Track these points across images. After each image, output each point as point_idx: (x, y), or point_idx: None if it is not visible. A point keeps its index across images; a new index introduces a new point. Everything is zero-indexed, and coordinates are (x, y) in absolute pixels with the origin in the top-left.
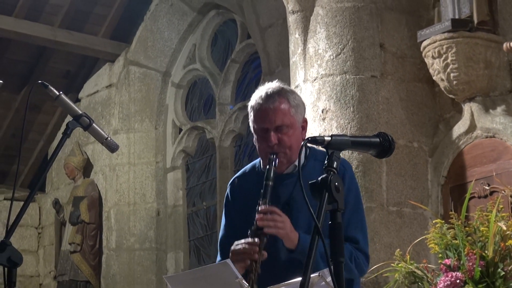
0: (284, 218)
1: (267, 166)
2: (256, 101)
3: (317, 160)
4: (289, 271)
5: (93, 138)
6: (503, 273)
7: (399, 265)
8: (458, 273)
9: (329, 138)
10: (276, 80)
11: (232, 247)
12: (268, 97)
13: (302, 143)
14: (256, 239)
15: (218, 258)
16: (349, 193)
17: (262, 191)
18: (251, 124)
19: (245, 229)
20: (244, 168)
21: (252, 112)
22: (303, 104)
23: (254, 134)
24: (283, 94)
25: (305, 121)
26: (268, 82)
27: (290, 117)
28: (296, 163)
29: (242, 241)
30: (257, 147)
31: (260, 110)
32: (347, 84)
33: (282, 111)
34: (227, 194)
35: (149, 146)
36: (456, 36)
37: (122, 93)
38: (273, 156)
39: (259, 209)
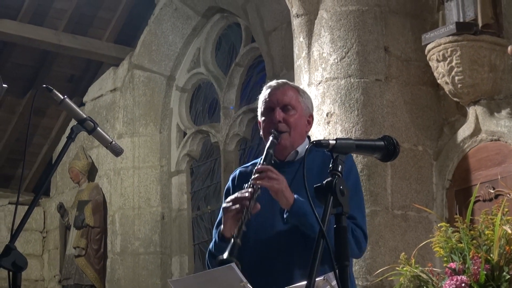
0: (280, 176)
1: (269, 138)
2: (266, 87)
3: (318, 151)
4: (285, 243)
5: (98, 142)
6: (508, 276)
7: (404, 268)
8: (463, 277)
9: (334, 142)
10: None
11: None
12: (278, 83)
13: (307, 146)
14: (249, 189)
15: (214, 239)
16: (349, 175)
17: (262, 156)
18: (259, 111)
19: None
20: (247, 163)
21: (261, 97)
22: (311, 102)
23: (260, 121)
24: (293, 85)
25: (311, 116)
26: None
27: (297, 101)
28: (298, 149)
29: (236, 194)
30: (261, 131)
31: (269, 92)
32: (352, 88)
33: (289, 93)
34: (228, 185)
35: (154, 150)
36: (461, 39)
37: (126, 97)
38: (277, 132)
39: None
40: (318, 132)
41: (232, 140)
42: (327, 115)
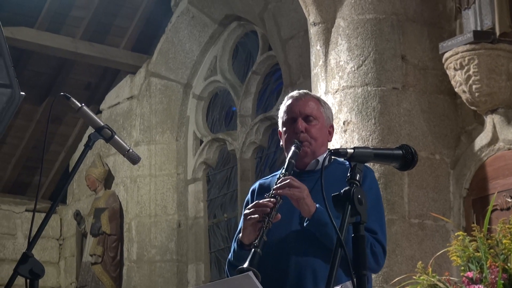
0: (302, 185)
1: (291, 148)
2: (287, 98)
3: (340, 163)
4: (300, 246)
5: (114, 150)
6: None
7: (421, 277)
8: (480, 286)
9: (352, 151)
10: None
11: (246, 208)
12: (300, 94)
13: (325, 154)
14: (271, 198)
15: (233, 248)
16: (370, 190)
17: (284, 166)
18: (280, 122)
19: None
20: (266, 176)
21: (282, 108)
22: (332, 112)
23: (281, 131)
24: (315, 96)
25: (331, 127)
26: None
27: (319, 112)
28: (319, 158)
29: (255, 202)
30: (283, 141)
31: (291, 103)
32: (369, 96)
33: (311, 104)
34: (248, 197)
35: (170, 158)
36: (478, 48)
37: (143, 105)
38: (299, 142)
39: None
40: (335, 140)
41: (248, 148)
42: (344, 124)
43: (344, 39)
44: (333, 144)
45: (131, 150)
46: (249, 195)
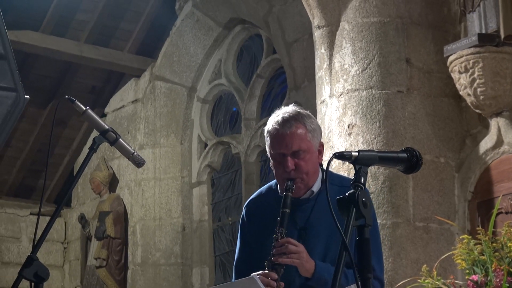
0: (300, 248)
1: (284, 193)
2: (272, 126)
3: (333, 184)
4: None
5: (119, 153)
6: None
7: (426, 281)
8: None
9: (357, 154)
10: (292, 104)
11: None
12: (285, 122)
13: (330, 158)
14: (272, 272)
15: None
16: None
17: (279, 218)
18: (267, 149)
19: (261, 252)
20: (260, 189)
21: (268, 137)
22: (320, 128)
23: (271, 159)
24: (300, 119)
25: (321, 145)
26: (285, 105)
27: (307, 142)
28: (313, 188)
29: (259, 273)
30: (274, 172)
31: (276, 135)
32: (373, 99)
33: (299, 136)
34: (243, 216)
35: (175, 161)
36: (483, 51)
37: (147, 108)
38: (290, 183)
39: (275, 242)
40: (340, 143)
41: (253, 152)
42: (348, 127)
43: (349, 42)
44: (338, 147)
45: (135, 153)
46: (244, 215)
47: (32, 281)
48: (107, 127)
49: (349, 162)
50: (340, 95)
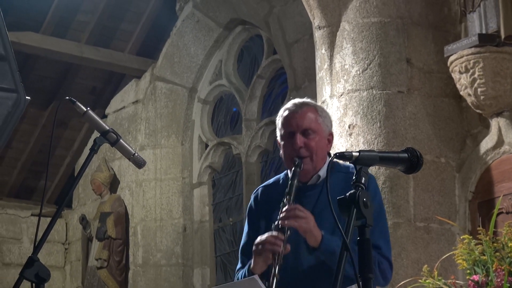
0: (308, 214)
1: (292, 169)
2: (284, 109)
3: (340, 172)
4: (312, 275)
5: (120, 154)
6: None
7: (427, 281)
8: None
9: (357, 154)
10: (305, 97)
11: (255, 242)
12: (296, 105)
13: (330, 158)
14: (279, 233)
15: (238, 265)
16: (373, 199)
17: (286, 190)
18: (278, 133)
19: None
20: (268, 180)
21: (279, 120)
22: (330, 119)
23: (280, 143)
24: (311, 104)
25: (331, 135)
26: (296, 97)
27: (317, 123)
28: (320, 173)
29: (265, 235)
30: (282, 154)
31: (287, 116)
32: (374, 100)
33: (309, 116)
34: (251, 203)
35: (176, 162)
36: (483, 51)
37: (148, 109)
38: (299, 159)
39: (283, 208)
40: (340, 144)
41: (254, 152)
42: (349, 127)
43: (349, 43)
44: (338, 148)
45: (136, 154)
46: (252, 202)
47: (33, 282)
48: (107, 128)
49: (349, 162)
50: (341, 95)
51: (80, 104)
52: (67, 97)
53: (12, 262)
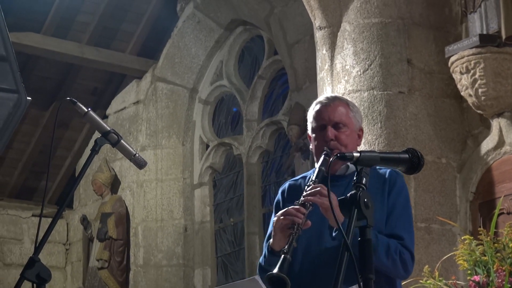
0: (332, 194)
1: (321, 156)
2: (315, 102)
3: (373, 170)
4: (334, 260)
5: (121, 155)
6: None
7: (428, 281)
8: None
9: (358, 154)
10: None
11: (276, 215)
12: (328, 98)
13: (331, 158)
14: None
15: (264, 252)
16: (399, 195)
17: (313, 175)
18: (309, 126)
19: None
20: (296, 177)
21: (311, 113)
22: (361, 114)
23: (311, 136)
24: (343, 99)
25: (361, 130)
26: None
27: (348, 118)
28: (349, 163)
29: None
30: (313, 147)
31: (320, 109)
32: (375, 100)
33: (340, 110)
34: (278, 197)
35: (177, 163)
36: (484, 52)
37: (149, 110)
38: (329, 150)
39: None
40: None
41: (255, 153)
42: None
43: (350, 43)
44: None
45: (137, 155)
46: (279, 196)
47: (34, 282)
48: (108, 128)
49: (350, 163)
50: (342, 96)
51: (81, 105)
52: (68, 98)
53: (13, 263)
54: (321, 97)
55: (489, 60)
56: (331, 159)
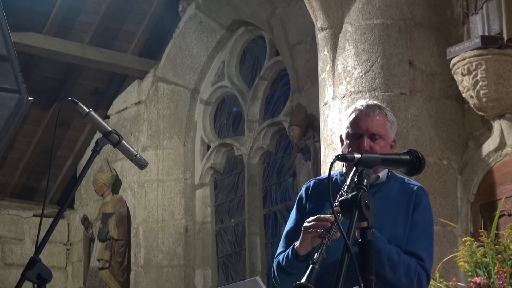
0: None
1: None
2: (356, 108)
3: (396, 180)
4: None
5: (122, 155)
6: None
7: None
8: None
9: (359, 156)
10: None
11: (307, 219)
12: (369, 106)
13: (332, 160)
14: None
15: (280, 249)
16: (423, 215)
17: (346, 182)
18: (344, 130)
19: None
20: (321, 176)
21: (349, 116)
22: (396, 124)
23: (344, 140)
24: (383, 108)
25: (394, 141)
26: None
27: (385, 129)
28: (380, 174)
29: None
30: (345, 150)
31: (359, 115)
32: (376, 101)
33: (379, 121)
34: (301, 193)
35: (178, 163)
36: (486, 53)
37: (150, 110)
38: None
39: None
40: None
41: (256, 153)
42: None
43: (352, 44)
44: (341, 150)
45: (138, 155)
46: (302, 192)
47: (35, 282)
48: (110, 129)
49: (351, 164)
50: (343, 97)
51: (82, 105)
52: (69, 98)
53: (14, 263)
54: (361, 103)
55: (491, 61)
56: (332, 162)
